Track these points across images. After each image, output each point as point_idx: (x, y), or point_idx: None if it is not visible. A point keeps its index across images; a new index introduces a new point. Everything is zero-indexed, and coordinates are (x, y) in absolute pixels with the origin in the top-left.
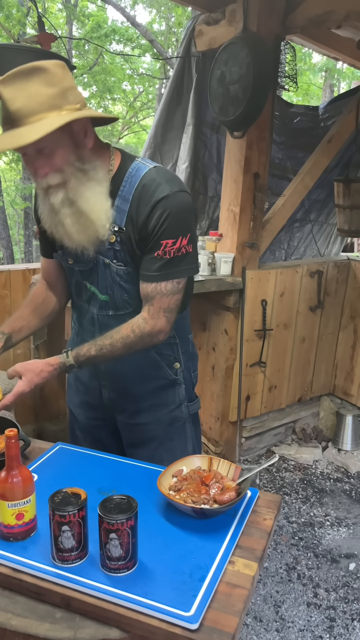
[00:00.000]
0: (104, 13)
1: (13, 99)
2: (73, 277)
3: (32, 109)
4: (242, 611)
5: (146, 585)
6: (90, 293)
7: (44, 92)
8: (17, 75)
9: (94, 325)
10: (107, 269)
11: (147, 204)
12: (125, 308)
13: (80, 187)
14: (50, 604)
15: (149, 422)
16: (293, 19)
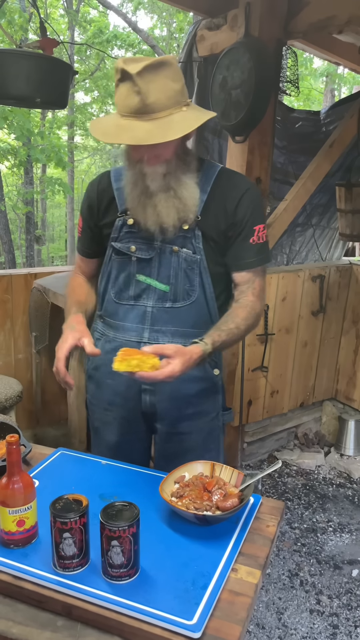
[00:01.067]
0: (106, 19)
1: (148, 92)
2: (124, 270)
3: (164, 103)
4: (245, 620)
5: (148, 593)
6: (142, 286)
7: (171, 87)
8: (149, 68)
9: (144, 322)
10: (174, 256)
11: (237, 192)
12: (184, 299)
13: (181, 176)
14: (51, 612)
15: (190, 432)
16: (295, 24)
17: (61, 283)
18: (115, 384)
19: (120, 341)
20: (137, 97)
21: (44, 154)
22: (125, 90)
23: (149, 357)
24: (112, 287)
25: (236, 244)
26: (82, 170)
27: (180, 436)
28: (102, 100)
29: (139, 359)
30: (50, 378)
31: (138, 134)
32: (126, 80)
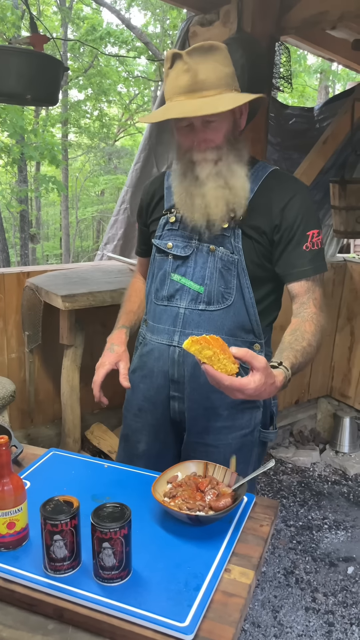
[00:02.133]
0: (99, 16)
1: (198, 70)
2: (162, 268)
3: (214, 82)
4: (238, 621)
5: (140, 595)
6: (176, 286)
7: (222, 70)
8: (199, 50)
9: (175, 324)
10: (211, 256)
11: (285, 194)
12: (219, 303)
13: (233, 165)
14: (42, 615)
15: (217, 445)
16: (287, 19)
17: (54, 282)
18: (146, 388)
19: (154, 344)
20: (187, 74)
21: (37, 151)
22: (175, 72)
23: (227, 359)
24: (153, 286)
25: (288, 251)
26: (76, 168)
27: (206, 448)
28: (96, 97)
29: (215, 353)
30: (43, 377)
31: (186, 108)
32: (176, 61)
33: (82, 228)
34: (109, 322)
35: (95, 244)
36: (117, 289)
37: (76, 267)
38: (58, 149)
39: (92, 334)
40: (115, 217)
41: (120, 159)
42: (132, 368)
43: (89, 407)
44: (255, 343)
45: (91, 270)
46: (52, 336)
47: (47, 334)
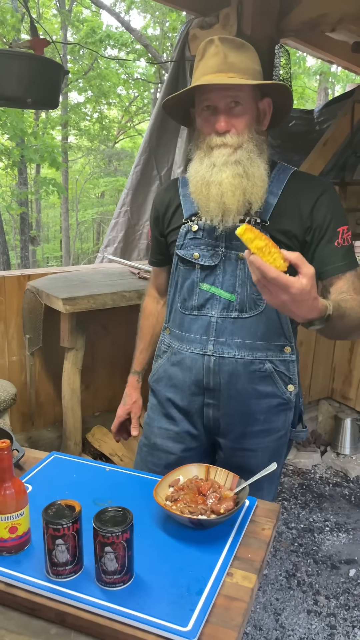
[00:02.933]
0: (99, 18)
1: (228, 54)
2: (188, 278)
3: (242, 68)
4: (241, 625)
5: (142, 600)
6: (206, 296)
7: (251, 64)
8: (231, 41)
9: (208, 333)
10: (240, 263)
11: (313, 193)
12: (252, 310)
13: (253, 155)
14: (44, 619)
15: (255, 449)
16: (287, 22)
17: (55, 285)
18: (177, 397)
19: (184, 354)
20: (217, 57)
21: (37, 154)
22: (205, 59)
23: (278, 253)
24: (179, 296)
25: (320, 248)
26: (76, 170)
27: (244, 452)
28: (96, 99)
29: (267, 245)
30: (44, 380)
31: (210, 80)
32: (208, 48)
33: (82, 230)
34: (109, 325)
35: (96, 246)
36: (117, 292)
37: (77, 270)
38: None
39: (93, 336)
40: (116, 219)
41: (120, 161)
42: (156, 377)
43: (89, 410)
44: (286, 346)
45: (92, 273)
46: (52, 339)
47: (47, 337)
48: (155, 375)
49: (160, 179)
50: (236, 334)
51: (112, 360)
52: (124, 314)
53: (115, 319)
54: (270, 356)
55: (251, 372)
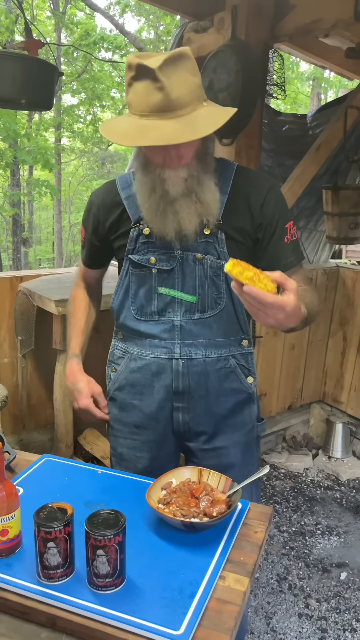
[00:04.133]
0: (93, 21)
1: (171, 87)
2: (144, 284)
3: (187, 99)
4: (233, 628)
5: (134, 603)
6: (166, 300)
7: (192, 81)
8: (169, 62)
9: (173, 336)
10: (198, 264)
11: (261, 190)
12: (213, 309)
13: (203, 178)
14: (35, 623)
15: (226, 446)
16: (281, 27)
17: (47, 286)
18: (144, 405)
19: (148, 359)
20: (160, 93)
21: (30, 155)
22: (143, 87)
23: (267, 278)
24: (133, 303)
25: (271, 245)
26: (70, 172)
27: (217, 451)
28: (90, 102)
29: (256, 274)
30: (36, 382)
31: (165, 134)
32: (144, 76)
33: (75, 232)
34: (102, 327)
35: None
36: (110, 294)
37: (69, 272)
38: (51, 153)
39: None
40: None
41: (113, 164)
42: (118, 385)
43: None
44: (243, 339)
45: None
46: (45, 341)
47: (40, 339)
48: (117, 383)
49: None
50: (201, 335)
51: (103, 362)
52: None
53: (107, 321)
54: (232, 351)
55: (218, 369)
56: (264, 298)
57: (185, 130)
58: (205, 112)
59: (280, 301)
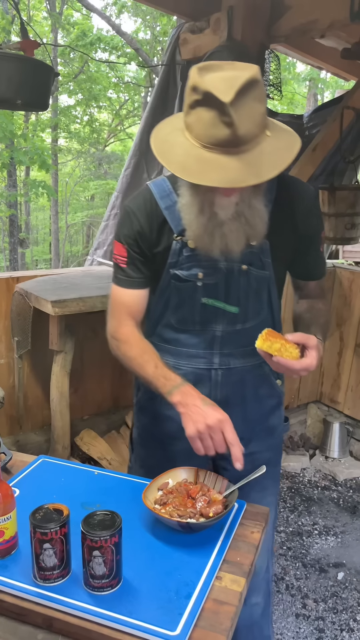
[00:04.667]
0: (89, 21)
1: (240, 123)
2: (188, 296)
3: (253, 132)
4: (229, 629)
5: (131, 604)
6: (211, 310)
7: (259, 111)
8: (241, 93)
9: (213, 346)
10: (243, 276)
11: (305, 203)
12: (254, 319)
13: (253, 201)
14: (31, 624)
15: (260, 450)
16: (277, 28)
17: (43, 287)
18: (177, 414)
19: (185, 369)
20: (228, 129)
21: (27, 156)
22: (209, 118)
23: (291, 346)
24: (173, 314)
25: (310, 255)
26: (66, 173)
27: (252, 456)
28: (86, 102)
29: (282, 344)
30: (32, 383)
31: (229, 176)
32: (212, 106)
33: (72, 233)
34: (99, 328)
35: (85, 249)
36: (107, 295)
37: (66, 273)
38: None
39: (82, 339)
40: (106, 222)
41: (110, 164)
42: (150, 395)
43: (78, 413)
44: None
45: (81, 276)
46: (41, 342)
47: (36, 340)
48: (148, 393)
49: None
50: (240, 344)
51: (101, 363)
52: None
53: (105, 322)
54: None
55: (253, 377)
56: (291, 366)
57: (250, 173)
58: (269, 146)
59: (306, 365)
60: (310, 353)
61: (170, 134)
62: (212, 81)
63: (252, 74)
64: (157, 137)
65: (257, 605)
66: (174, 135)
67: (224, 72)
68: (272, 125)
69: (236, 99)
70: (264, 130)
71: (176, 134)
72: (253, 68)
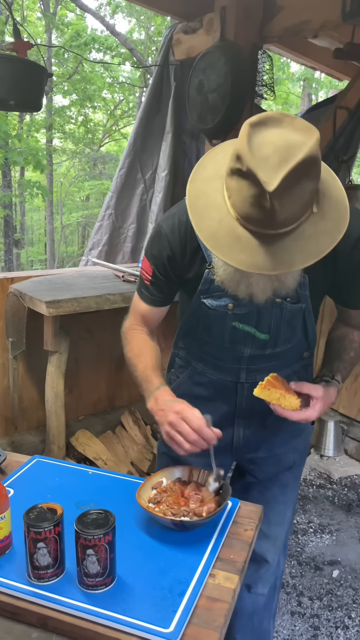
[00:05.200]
0: (83, 22)
1: (281, 211)
2: (218, 319)
3: (296, 215)
4: (222, 626)
5: (125, 602)
6: (241, 333)
7: (308, 190)
8: (290, 178)
9: (240, 362)
10: (277, 307)
11: (349, 237)
12: (285, 345)
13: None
14: (26, 623)
15: (285, 452)
16: (270, 28)
17: (38, 287)
18: (207, 412)
19: (211, 377)
20: (264, 213)
21: (21, 156)
22: (249, 195)
23: (291, 396)
24: (204, 330)
25: (350, 289)
26: (61, 173)
27: (276, 457)
28: (81, 103)
29: (282, 394)
30: (27, 384)
31: (258, 260)
32: (254, 184)
33: (67, 233)
34: (94, 328)
35: (81, 250)
36: (102, 295)
37: (60, 273)
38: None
39: (77, 340)
40: (100, 222)
41: (105, 165)
42: (178, 394)
43: (73, 414)
44: (305, 352)
45: (76, 276)
46: (36, 342)
47: (31, 340)
48: (177, 392)
49: (144, 182)
50: (268, 362)
51: (96, 363)
52: (108, 318)
53: (100, 322)
54: (295, 367)
55: None
56: (288, 417)
57: (281, 261)
58: (311, 229)
59: (304, 417)
60: (314, 404)
61: (209, 182)
62: (260, 153)
63: (309, 151)
64: (195, 184)
65: (261, 596)
66: (212, 189)
67: (279, 137)
68: (322, 196)
69: (281, 186)
70: (310, 208)
71: (215, 187)
72: (313, 137)
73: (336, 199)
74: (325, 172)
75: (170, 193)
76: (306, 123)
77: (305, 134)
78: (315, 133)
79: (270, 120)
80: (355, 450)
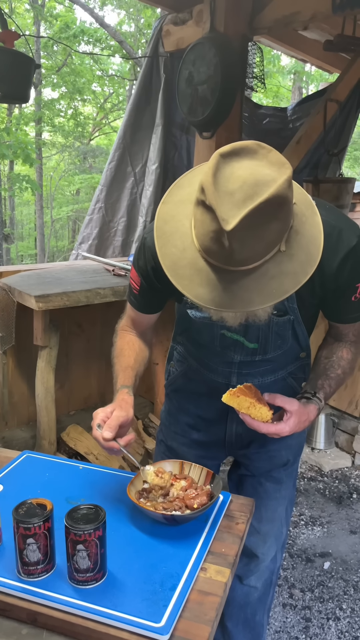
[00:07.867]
0: (72, 14)
1: (241, 249)
2: (207, 328)
3: (258, 254)
4: (214, 619)
5: (116, 597)
6: (230, 341)
7: (275, 229)
8: (250, 218)
9: (231, 367)
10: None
11: (337, 255)
12: (275, 351)
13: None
14: (15, 620)
15: (278, 448)
16: (260, 19)
17: (27, 282)
18: (200, 410)
19: (204, 376)
20: (224, 250)
21: (10, 150)
22: (209, 229)
23: (262, 406)
24: (196, 334)
25: (337, 303)
26: (51, 167)
27: (269, 453)
28: (70, 96)
29: (252, 403)
30: (17, 379)
31: (216, 297)
32: (214, 220)
33: (58, 228)
34: (84, 323)
35: (71, 244)
36: (92, 289)
37: (50, 267)
38: (32, 148)
39: (67, 334)
40: (90, 216)
41: (95, 158)
42: (175, 387)
43: (64, 409)
44: (301, 352)
45: (65, 270)
46: (26, 337)
47: (20, 335)
48: (174, 385)
49: (134, 176)
50: (259, 367)
51: (87, 358)
52: (99, 312)
53: (90, 316)
54: (289, 369)
55: (274, 390)
56: (256, 428)
57: (240, 299)
58: (276, 269)
59: (274, 431)
60: (288, 418)
61: (181, 206)
62: (226, 188)
63: (277, 191)
64: (166, 206)
65: (254, 589)
66: (182, 215)
67: (249, 172)
68: (295, 233)
69: (241, 225)
70: (276, 247)
71: (185, 213)
72: (285, 174)
73: (310, 237)
74: (304, 207)
75: (161, 186)
76: (281, 158)
77: (278, 170)
78: (288, 170)
79: (244, 150)
80: (346, 443)
